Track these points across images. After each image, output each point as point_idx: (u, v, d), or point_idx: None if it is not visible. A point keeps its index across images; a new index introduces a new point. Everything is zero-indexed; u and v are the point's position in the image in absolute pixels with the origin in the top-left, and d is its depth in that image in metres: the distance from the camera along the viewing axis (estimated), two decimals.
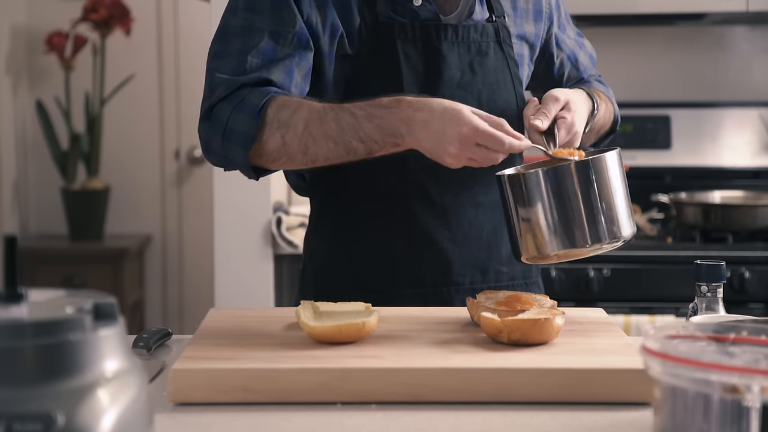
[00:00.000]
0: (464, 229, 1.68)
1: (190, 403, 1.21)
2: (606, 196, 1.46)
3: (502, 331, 1.32)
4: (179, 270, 4.32)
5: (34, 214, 4.22)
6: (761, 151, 3.27)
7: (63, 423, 0.75)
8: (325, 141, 1.50)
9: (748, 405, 0.90)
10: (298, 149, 1.52)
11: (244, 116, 1.53)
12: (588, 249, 1.48)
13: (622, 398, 1.22)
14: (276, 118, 1.51)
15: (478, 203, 1.68)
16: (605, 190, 1.46)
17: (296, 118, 1.51)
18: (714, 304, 1.39)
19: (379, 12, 1.63)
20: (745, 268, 2.67)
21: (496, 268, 1.71)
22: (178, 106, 4.24)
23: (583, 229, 1.46)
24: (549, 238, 1.47)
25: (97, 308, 0.84)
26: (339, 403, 1.21)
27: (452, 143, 1.44)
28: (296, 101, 1.53)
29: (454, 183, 1.66)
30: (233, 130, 1.53)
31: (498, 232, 1.70)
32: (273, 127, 1.51)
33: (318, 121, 1.50)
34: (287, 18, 1.59)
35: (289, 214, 3.09)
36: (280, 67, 1.57)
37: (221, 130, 1.54)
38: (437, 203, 1.66)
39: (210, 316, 1.51)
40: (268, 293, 2.92)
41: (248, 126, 1.52)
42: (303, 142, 1.51)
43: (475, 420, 1.17)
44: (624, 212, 1.48)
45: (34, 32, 4.15)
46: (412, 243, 1.66)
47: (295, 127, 1.50)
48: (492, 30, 1.70)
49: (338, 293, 1.56)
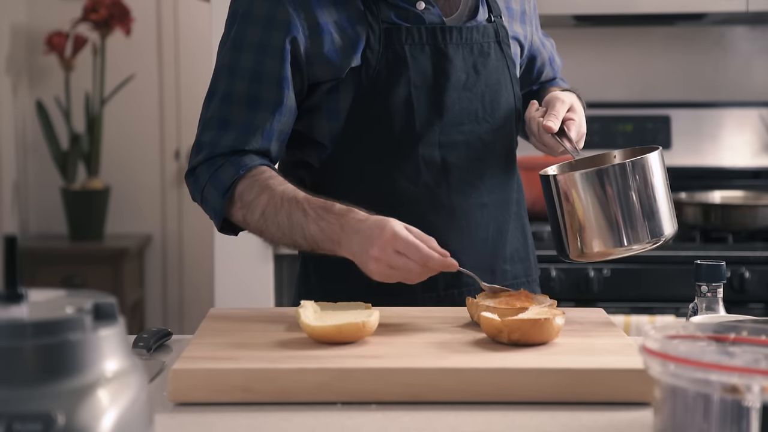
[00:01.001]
0: (472, 230, 1.68)
1: (190, 403, 1.22)
2: (650, 195, 1.52)
3: (502, 331, 1.32)
4: (179, 270, 4.32)
5: (34, 214, 4.22)
6: (761, 151, 3.27)
7: (63, 423, 0.75)
8: (276, 230, 1.57)
9: (748, 405, 0.90)
10: (256, 230, 1.61)
11: (215, 192, 1.62)
12: (634, 247, 1.54)
13: (622, 398, 1.22)
14: (240, 198, 1.60)
15: (483, 203, 1.69)
16: (650, 189, 1.52)
17: (255, 204, 1.58)
18: (714, 304, 1.39)
19: (384, 19, 1.63)
20: (745, 268, 2.67)
21: (501, 267, 1.72)
22: (178, 106, 4.24)
23: (629, 229, 1.52)
24: (596, 237, 1.53)
25: (97, 308, 0.84)
26: (339, 403, 1.21)
27: (374, 246, 1.46)
28: (262, 184, 1.58)
29: (462, 183, 1.67)
30: (207, 200, 1.63)
31: (502, 231, 1.71)
32: (237, 206, 1.60)
33: (273, 211, 1.56)
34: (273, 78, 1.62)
35: None
36: (264, 133, 1.62)
37: (200, 192, 1.64)
38: (446, 205, 1.66)
39: (210, 316, 1.51)
40: (268, 293, 2.91)
41: (217, 203, 1.61)
42: (258, 227, 1.59)
43: (474, 420, 1.17)
44: (666, 211, 1.55)
45: (34, 32, 4.15)
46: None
47: (253, 212, 1.58)
48: (492, 30, 1.71)
49: (349, 298, 1.56)
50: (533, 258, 1.81)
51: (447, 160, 1.66)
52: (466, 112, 1.66)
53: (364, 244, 1.47)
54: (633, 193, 1.51)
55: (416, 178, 1.65)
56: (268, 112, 1.61)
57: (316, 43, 1.60)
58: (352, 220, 1.50)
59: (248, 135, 1.61)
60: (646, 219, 1.52)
